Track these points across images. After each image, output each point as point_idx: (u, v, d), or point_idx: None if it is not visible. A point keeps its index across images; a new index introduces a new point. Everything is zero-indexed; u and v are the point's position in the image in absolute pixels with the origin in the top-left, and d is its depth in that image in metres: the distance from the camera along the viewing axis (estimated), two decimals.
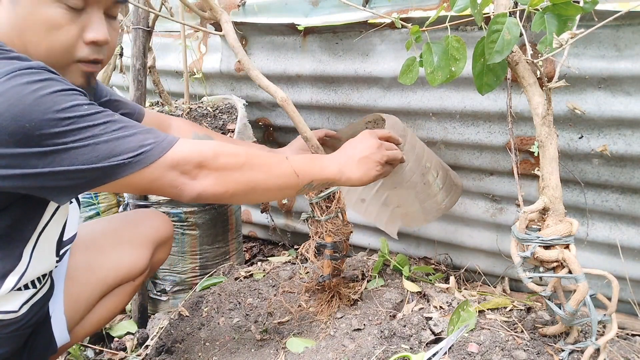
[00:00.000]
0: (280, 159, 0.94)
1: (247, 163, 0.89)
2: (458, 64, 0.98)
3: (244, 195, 0.91)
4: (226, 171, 0.86)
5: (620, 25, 1.05)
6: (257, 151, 0.94)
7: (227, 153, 0.88)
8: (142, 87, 1.50)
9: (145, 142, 0.79)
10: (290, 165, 0.94)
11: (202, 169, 0.84)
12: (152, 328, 1.53)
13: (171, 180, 0.82)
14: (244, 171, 0.88)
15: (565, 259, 0.95)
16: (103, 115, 0.77)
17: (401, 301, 1.31)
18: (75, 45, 0.83)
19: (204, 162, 0.84)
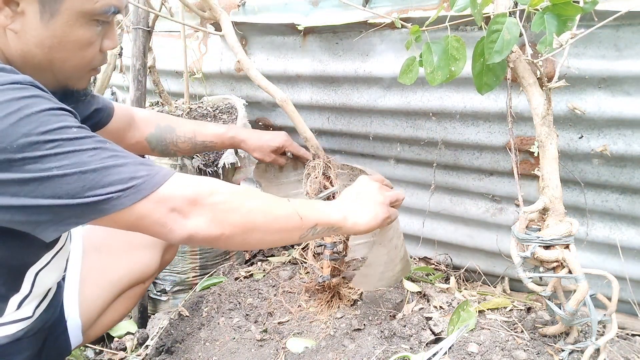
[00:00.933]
0: (281, 200, 0.87)
1: (245, 202, 0.81)
2: (458, 64, 0.98)
3: (242, 238, 0.81)
4: (222, 210, 0.78)
5: (620, 25, 1.05)
6: (256, 189, 0.89)
7: (225, 190, 0.80)
8: (142, 87, 1.50)
9: (137, 173, 0.72)
10: (293, 206, 0.86)
11: (196, 206, 0.76)
12: (152, 328, 1.53)
13: (160, 218, 0.74)
14: (242, 211, 0.80)
15: (565, 259, 0.95)
16: (92, 140, 0.71)
17: (401, 301, 1.31)
18: (96, 56, 0.83)
19: (198, 198, 0.76)
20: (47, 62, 0.79)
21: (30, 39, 0.76)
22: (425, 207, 1.56)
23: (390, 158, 1.58)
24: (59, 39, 0.77)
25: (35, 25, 0.75)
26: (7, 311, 0.86)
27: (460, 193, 1.50)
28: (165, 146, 1.27)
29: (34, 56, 0.77)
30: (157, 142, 1.25)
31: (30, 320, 0.94)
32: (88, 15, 0.77)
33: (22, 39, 0.76)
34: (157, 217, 0.74)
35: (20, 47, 0.77)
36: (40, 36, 0.76)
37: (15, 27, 0.75)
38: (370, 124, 1.53)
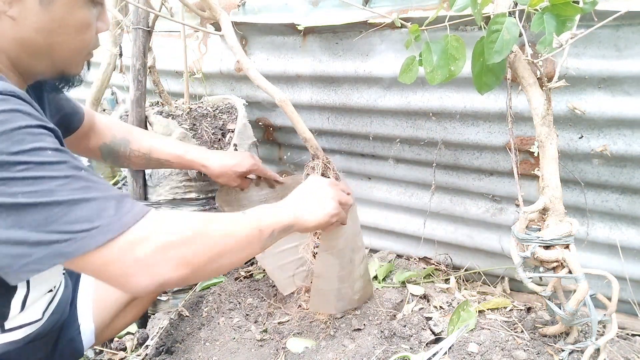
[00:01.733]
0: (238, 216, 0.84)
1: (209, 234, 0.77)
2: (457, 64, 0.98)
3: (210, 270, 0.78)
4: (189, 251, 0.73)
5: (620, 25, 1.05)
6: (214, 213, 0.84)
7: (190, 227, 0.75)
8: (142, 87, 1.50)
9: (104, 212, 0.67)
10: (250, 221, 0.83)
11: (163, 253, 0.70)
12: (152, 328, 1.53)
13: (123, 270, 0.69)
14: (207, 245, 0.76)
15: (565, 259, 0.95)
16: (66, 166, 0.67)
17: (401, 301, 1.31)
18: (93, 39, 0.84)
19: (166, 243, 0.71)
20: (47, 47, 0.78)
21: (30, 24, 0.75)
22: (425, 207, 1.56)
23: (390, 158, 1.58)
24: (59, 23, 0.77)
25: (35, 10, 0.74)
26: (11, 314, 0.86)
27: (460, 193, 1.50)
28: (117, 158, 1.24)
29: (34, 42, 0.77)
30: (109, 154, 1.22)
31: (40, 323, 0.94)
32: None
33: (21, 25, 0.75)
34: (120, 268, 0.69)
35: (18, 34, 0.75)
36: (40, 21, 0.75)
37: (13, 13, 0.74)
38: (370, 124, 1.53)
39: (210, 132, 1.56)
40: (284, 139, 1.81)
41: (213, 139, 1.55)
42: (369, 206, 1.72)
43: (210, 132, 1.56)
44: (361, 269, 1.23)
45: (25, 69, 0.80)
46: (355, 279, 1.23)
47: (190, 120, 1.56)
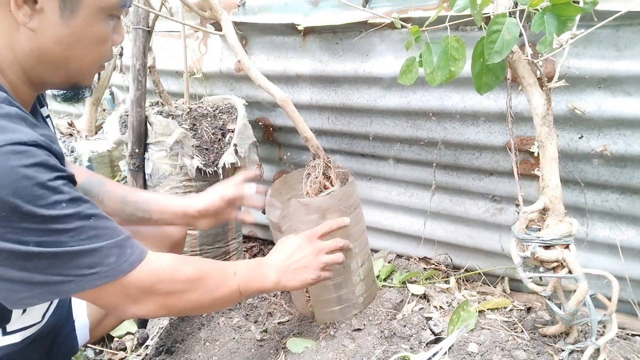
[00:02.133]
0: (229, 276, 0.93)
1: (197, 287, 0.88)
2: (457, 64, 0.98)
3: (183, 314, 0.94)
4: (172, 297, 0.85)
5: (620, 25, 1.05)
6: (210, 266, 0.93)
7: (181, 279, 0.86)
8: (142, 87, 1.50)
9: (106, 259, 0.75)
10: (237, 283, 0.93)
11: (148, 296, 0.82)
12: (152, 328, 1.53)
13: (114, 302, 0.80)
14: (191, 295, 0.87)
15: (565, 259, 0.95)
16: (77, 218, 0.72)
17: (401, 301, 1.31)
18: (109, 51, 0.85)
19: (153, 289, 0.82)
20: (63, 59, 0.79)
21: (49, 36, 0.76)
22: (425, 207, 1.56)
23: (390, 158, 1.58)
24: (78, 36, 0.77)
25: (55, 22, 0.75)
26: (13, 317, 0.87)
27: (460, 193, 1.50)
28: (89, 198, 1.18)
29: (51, 54, 0.78)
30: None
31: (39, 325, 0.94)
32: (106, 10, 0.79)
33: (40, 37, 0.76)
34: (111, 301, 0.80)
35: (36, 45, 0.76)
36: (59, 33, 0.76)
37: (33, 25, 0.74)
38: (370, 124, 1.53)
39: (210, 132, 1.56)
40: (284, 139, 1.81)
41: (213, 139, 1.55)
42: (369, 206, 1.72)
43: (210, 132, 1.56)
44: (360, 274, 1.23)
45: (39, 80, 0.82)
46: (354, 283, 1.22)
47: (190, 120, 1.56)
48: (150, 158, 1.50)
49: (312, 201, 1.14)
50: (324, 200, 1.14)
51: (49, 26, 0.75)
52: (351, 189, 1.19)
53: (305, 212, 1.13)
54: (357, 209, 1.21)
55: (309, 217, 1.13)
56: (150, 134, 1.50)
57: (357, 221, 1.20)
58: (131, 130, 1.49)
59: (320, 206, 1.13)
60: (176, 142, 1.46)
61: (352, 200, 1.19)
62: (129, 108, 1.51)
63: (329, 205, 1.13)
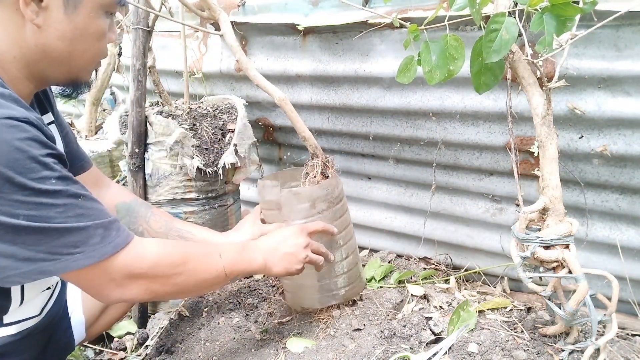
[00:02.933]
0: (215, 259, 0.94)
1: (181, 271, 0.88)
2: (456, 63, 0.98)
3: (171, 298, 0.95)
4: (157, 281, 0.85)
5: (620, 25, 1.05)
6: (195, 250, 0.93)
7: (165, 263, 0.86)
8: (142, 87, 1.50)
9: (91, 240, 0.76)
10: (223, 265, 0.94)
11: (132, 279, 0.82)
12: (152, 328, 1.53)
13: (98, 284, 0.81)
14: (176, 279, 0.87)
15: (565, 259, 0.95)
16: (66, 195, 0.74)
17: (401, 301, 1.31)
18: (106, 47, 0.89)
19: (137, 272, 0.82)
20: (67, 54, 0.82)
21: (53, 32, 0.80)
22: (425, 207, 1.56)
23: (390, 158, 1.58)
24: (81, 31, 0.82)
25: (59, 19, 0.79)
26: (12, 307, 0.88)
27: (460, 193, 1.50)
28: (135, 218, 1.19)
29: (55, 49, 0.81)
30: (127, 212, 1.18)
31: (38, 319, 0.95)
32: (104, 7, 0.83)
33: (45, 33, 0.80)
34: (96, 284, 0.80)
35: (41, 41, 0.80)
36: (63, 29, 0.80)
37: (39, 22, 0.78)
38: (370, 124, 1.53)
39: (210, 132, 1.56)
40: (284, 139, 1.81)
41: (213, 139, 1.55)
42: (369, 206, 1.72)
43: (210, 132, 1.56)
44: (344, 266, 1.25)
45: (41, 75, 0.85)
46: (336, 275, 1.24)
47: (190, 120, 1.56)
48: (150, 158, 1.50)
49: (303, 190, 1.19)
50: (314, 190, 1.19)
51: (53, 22, 0.79)
52: (336, 181, 1.24)
53: (296, 201, 1.17)
54: (342, 201, 1.25)
55: (300, 205, 1.18)
56: (150, 134, 1.50)
57: (341, 213, 1.24)
58: (131, 130, 1.49)
59: (311, 195, 1.18)
60: (176, 142, 1.46)
61: (338, 191, 1.24)
62: (129, 108, 1.51)
63: (319, 195, 1.18)
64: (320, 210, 1.19)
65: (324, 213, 1.19)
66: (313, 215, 1.19)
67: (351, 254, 1.28)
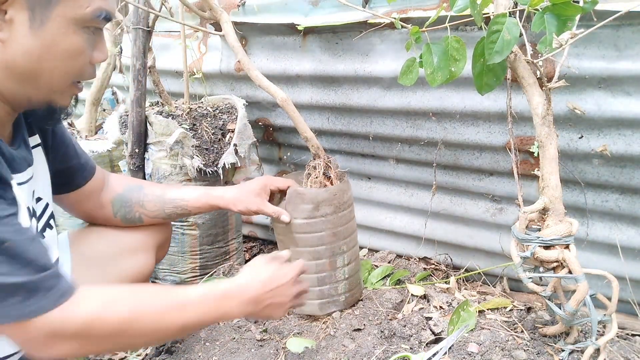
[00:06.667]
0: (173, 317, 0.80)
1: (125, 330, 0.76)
2: (458, 64, 0.98)
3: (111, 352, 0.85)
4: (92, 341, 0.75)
5: (620, 25, 1.05)
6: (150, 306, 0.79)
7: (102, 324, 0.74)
8: (142, 87, 1.50)
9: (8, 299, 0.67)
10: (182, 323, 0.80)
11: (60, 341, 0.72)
12: None
13: (21, 342, 0.72)
14: (118, 339, 0.76)
15: (565, 259, 0.95)
16: None
17: (401, 301, 1.31)
18: (86, 68, 0.79)
19: (65, 335, 0.72)
20: (32, 72, 0.74)
21: (18, 48, 0.72)
22: (425, 207, 1.56)
23: (390, 158, 1.58)
24: (49, 48, 0.73)
25: (24, 34, 0.71)
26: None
27: (460, 193, 1.50)
28: (129, 208, 1.13)
29: (20, 66, 0.73)
30: (121, 204, 1.12)
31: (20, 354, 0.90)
32: (79, 22, 0.74)
33: (9, 49, 0.72)
34: (18, 340, 0.72)
35: (4, 57, 0.73)
36: (28, 45, 0.72)
37: (2, 36, 0.71)
38: (370, 124, 1.53)
39: (210, 132, 1.56)
40: (284, 139, 1.81)
41: (213, 139, 1.56)
42: (369, 206, 1.72)
43: (210, 132, 1.56)
44: (346, 272, 1.25)
45: (11, 95, 0.77)
46: (338, 280, 1.24)
47: (190, 120, 1.56)
48: (150, 158, 1.50)
49: (308, 191, 1.19)
50: (319, 192, 1.19)
51: (18, 37, 0.71)
52: (346, 187, 1.24)
53: (300, 201, 1.18)
54: (350, 207, 1.25)
55: (304, 206, 1.18)
56: (150, 134, 1.50)
57: (347, 220, 1.24)
58: (131, 130, 1.49)
59: (316, 197, 1.18)
60: (176, 142, 1.46)
61: (347, 197, 1.23)
62: (129, 108, 1.51)
63: (324, 198, 1.18)
64: (324, 214, 1.18)
65: (327, 217, 1.18)
66: (316, 217, 1.18)
67: (353, 260, 1.28)
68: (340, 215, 1.21)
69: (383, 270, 1.49)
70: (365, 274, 1.49)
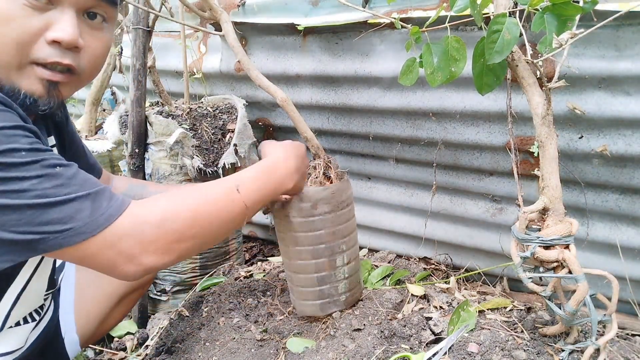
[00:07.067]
0: (232, 197, 0.83)
1: (196, 219, 0.77)
2: (458, 65, 0.98)
3: (196, 249, 0.81)
4: (173, 239, 0.75)
5: (620, 25, 1.05)
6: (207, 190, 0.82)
7: (175, 216, 0.75)
8: (142, 87, 1.50)
9: (79, 213, 0.67)
10: (243, 201, 0.83)
11: (144, 245, 0.72)
12: (152, 328, 1.53)
13: (108, 260, 0.71)
14: (193, 230, 0.77)
15: (565, 259, 0.95)
16: (40, 166, 0.66)
17: (401, 301, 1.31)
18: (30, 42, 0.71)
19: (145, 237, 0.72)
20: None
21: None
22: (425, 207, 1.56)
23: (390, 158, 1.58)
24: None
25: None
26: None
27: (460, 193, 1.50)
28: None
29: None
30: None
31: (22, 350, 0.92)
32: None
33: None
34: (104, 261, 0.71)
35: None
36: None
37: None
38: (370, 124, 1.53)
39: (210, 132, 1.56)
40: (283, 139, 1.81)
41: (213, 139, 1.56)
42: (369, 206, 1.72)
43: (210, 132, 1.56)
44: (346, 271, 1.25)
45: None
46: (337, 279, 1.24)
47: (190, 120, 1.56)
48: (151, 158, 1.50)
49: (306, 190, 1.19)
50: (317, 190, 1.18)
51: None
52: (345, 186, 1.24)
53: (299, 199, 1.18)
54: (349, 206, 1.25)
55: (302, 204, 1.18)
56: (150, 134, 1.50)
57: (347, 219, 1.24)
58: (131, 130, 1.49)
59: (314, 196, 1.17)
60: (176, 142, 1.46)
61: (346, 196, 1.23)
62: (129, 108, 1.51)
63: (321, 197, 1.18)
64: (322, 213, 1.18)
65: (325, 215, 1.19)
66: (314, 216, 1.18)
67: (353, 260, 1.28)
68: (339, 214, 1.21)
69: (383, 270, 1.49)
70: (365, 274, 1.49)
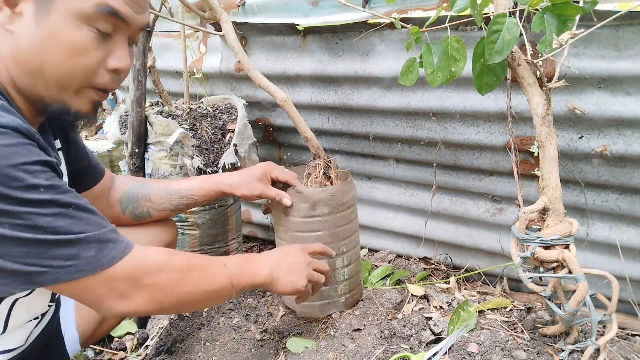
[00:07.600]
0: (219, 270, 0.91)
1: (186, 279, 0.84)
2: (458, 65, 0.98)
3: (176, 310, 0.91)
4: (162, 290, 0.81)
5: (620, 25, 1.05)
6: (199, 259, 0.91)
7: (170, 270, 0.82)
8: (142, 87, 1.50)
9: (85, 253, 0.72)
10: (228, 276, 0.91)
11: (136, 288, 0.78)
12: (152, 328, 1.53)
13: (99, 296, 0.76)
14: (182, 288, 0.84)
15: (565, 259, 0.95)
16: (55, 204, 0.70)
17: (401, 301, 1.31)
18: (96, 71, 0.78)
19: (140, 281, 0.78)
20: (38, 65, 0.75)
21: (24, 39, 0.74)
22: (425, 207, 1.56)
23: (390, 158, 1.58)
24: (51, 41, 0.73)
25: (30, 25, 0.73)
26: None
27: (460, 193, 1.50)
28: (137, 203, 1.16)
29: (26, 58, 0.75)
30: (129, 200, 1.15)
31: (21, 348, 0.92)
32: (82, 17, 0.74)
33: (17, 40, 0.74)
34: (95, 295, 0.76)
35: (13, 48, 0.74)
36: (33, 36, 0.73)
37: (12, 28, 0.74)
38: (370, 124, 1.53)
39: (210, 132, 1.56)
40: (284, 139, 1.81)
41: (213, 139, 1.56)
42: (369, 206, 1.72)
43: (210, 132, 1.56)
44: (345, 273, 1.25)
45: (28, 91, 0.78)
46: (337, 281, 1.24)
47: (190, 120, 1.56)
48: (151, 158, 1.50)
49: (305, 191, 1.19)
50: (316, 192, 1.19)
51: (24, 28, 0.73)
52: (348, 188, 1.23)
53: (298, 199, 1.18)
54: (351, 208, 1.25)
55: (301, 204, 1.18)
56: (150, 134, 1.50)
57: (348, 220, 1.24)
58: (131, 130, 1.49)
59: (312, 197, 1.18)
60: (176, 142, 1.46)
61: (348, 198, 1.23)
62: (129, 108, 1.51)
63: (321, 198, 1.18)
64: (321, 214, 1.18)
65: (324, 217, 1.19)
66: (312, 217, 1.18)
67: (353, 261, 1.27)
68: (339, 215, 1.21)
69: (383, 270, 1.49)
70: (365, 274, 1.49)
